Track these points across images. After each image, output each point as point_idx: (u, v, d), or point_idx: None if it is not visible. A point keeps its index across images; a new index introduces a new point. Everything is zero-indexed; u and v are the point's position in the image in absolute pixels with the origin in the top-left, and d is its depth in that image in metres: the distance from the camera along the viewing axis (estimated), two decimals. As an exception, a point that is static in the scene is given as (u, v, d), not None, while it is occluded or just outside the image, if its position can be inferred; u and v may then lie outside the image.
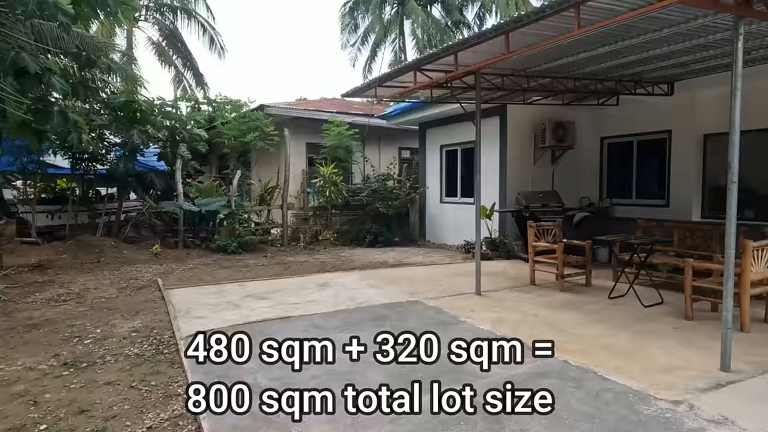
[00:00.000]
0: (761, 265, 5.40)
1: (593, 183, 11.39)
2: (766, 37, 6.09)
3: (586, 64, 7.29)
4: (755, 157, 8.53)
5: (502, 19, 23.52)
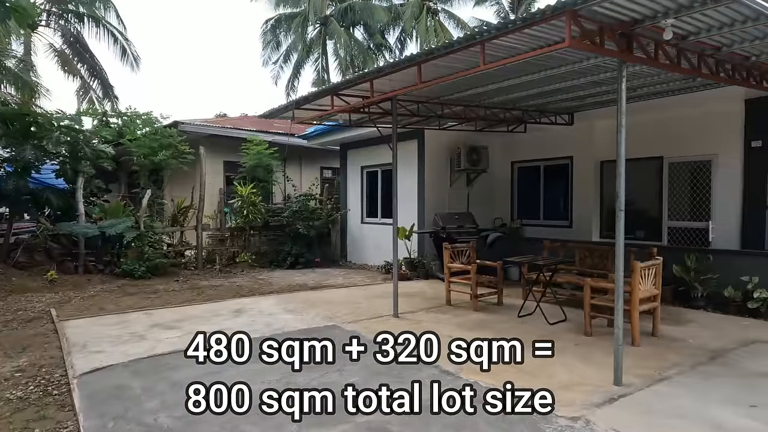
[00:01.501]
0: (648, 283, 5.92)
1: (505, 204, 12.00)
2: (648, 77, 6.79)
3: (496, 95, 7.72)
4: (644, 182, 9.43)
5: (424, 43, 24.48)
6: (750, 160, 7.99)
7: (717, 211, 8.45)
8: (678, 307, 7.70)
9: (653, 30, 4.53)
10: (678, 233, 9.04)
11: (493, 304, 7.93)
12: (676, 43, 5.05)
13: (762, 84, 6.42)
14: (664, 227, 9.19)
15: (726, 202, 8.30)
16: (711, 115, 8.34)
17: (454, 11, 26.73)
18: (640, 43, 4.72)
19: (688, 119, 8.63)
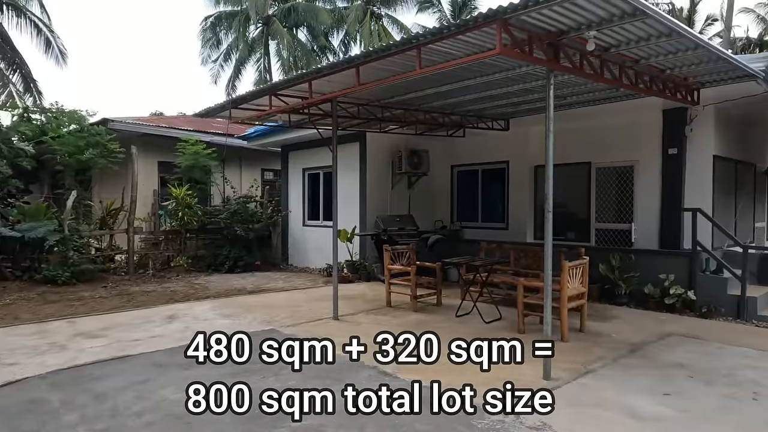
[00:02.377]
0: (576, 281, 6.23)
1: (445, 207, 12.25)
2: (576, 86, 7.14)
3: (434, 99, 7.87)
4: (574, 186, 9.92)
5: (368, 47, 24.59)
6: (667, 167, 8.59)
7: (639, 214, 9.02)
8: (604, 304, 8.15)
9: (578, 41, 4.79)
10: (605, 234, 9.57)
11: (432, 304, 8.06)
12: (599, 54, 5.35)
13: (676, 95, 6.93)
14: (592, 229, 9.70)
15: (647, 206, 8.88)
16: (633, 124, 8.90)
17: (398, 17, 27.12)
18: (566, 53, 4.97)
19: (613, 127, 9.17)
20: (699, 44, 5.09)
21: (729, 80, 6.72)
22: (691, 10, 27.17)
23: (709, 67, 6.10)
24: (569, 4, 3.88)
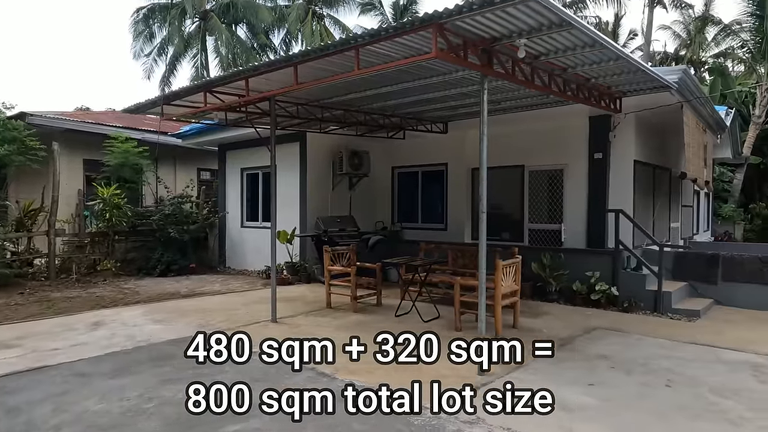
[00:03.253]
0: (510, 279, 6.46)
1: (386, 208, 12.35)
2: (510, 92, 7.42)
3: (374, 101, 7.92)
4: (509, 188, 10.29)
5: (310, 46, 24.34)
6: (593, 170, 9.10)
7: (568, 215, 9.49)
8: (536, 301, 8.50)
9: (510, 48, 4.98)
10: (537, 234, 9.99)
11: (372, 305, 8.09)
12: (530, 62, 5.60)
13: (600, 103, 7.36)
14: (526, 229, 10.11)
15: (575, 207, 9.36)
16: (563, 129, 9.36)
17: (340, 18, 27.06)
18: (499, 59, 5.16)
19: (544, 132, 9.59)
20: (620, 56, 5.44)
21: (647, 90, 7.23)
22: (615, 24, 28.96)
23: (629, 78, 6.54)
24: (501, 12, 4.04)
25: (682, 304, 7.81)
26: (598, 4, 24.69)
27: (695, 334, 6.48)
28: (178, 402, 4.10)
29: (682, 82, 7.24)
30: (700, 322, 7.19)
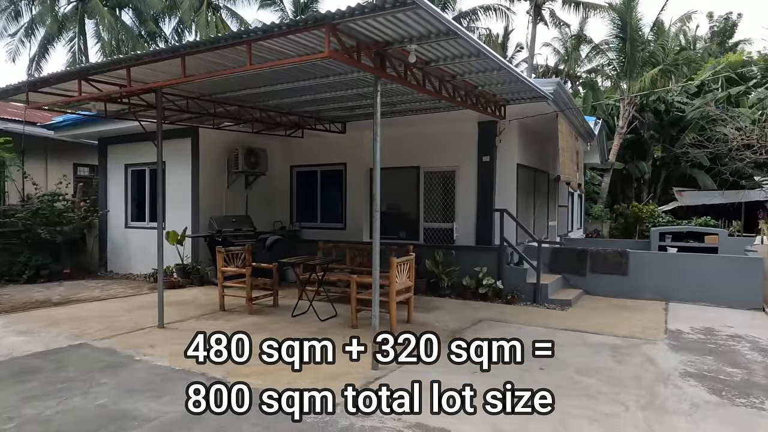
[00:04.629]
0: (404, 276, 6.69)
1: (285, 208, 12.17)
2: (405, 95, 7.67)
3: (271, 98, 7.77)
4: (406, 189, 10.63)
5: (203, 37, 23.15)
6: (482, 172, 9.70)
7: (459, 214, 10.03)
8: (430, 296, 8.89)
9: (402, 53, 5.16)
10: (432, 233, 10.44)
11: (268, 306, 7.94)
12: (421, 67, 5.84)
13: (487, 110, 7.87)
14: (421, 228, 10.51)
15: (466, 206, 9.91)
16: (455, 133, 9.86)
17: (238, 10, 26.01)
18: (392, 63, 5.32)
19: (438, 135, 10.05)
20: (502, 66, 5.86)
21: (527, 99, 7.87)
22: (504, 38, 31.12)
23: (512, 87, 7.07)
24: (391, 17, 4.17)
25: (557, 294, 8.61)
26: (489, 16, 26.35)
27: (567, 321, 7.18)
28: (45, 420, 3.73)
29: (556, 93, 7.97)
30: (571, 310, 7.97)
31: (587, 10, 24.57)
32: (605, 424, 3.76)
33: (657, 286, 8.75)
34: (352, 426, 3.70)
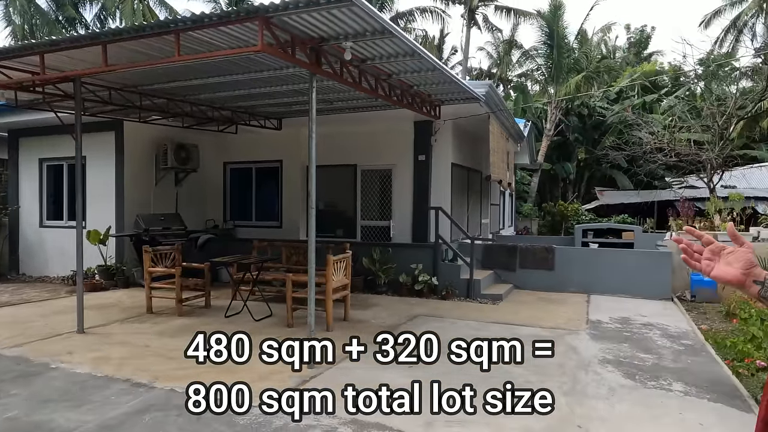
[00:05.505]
0: (340, 274, 6.68)
1: (218, 206, 11.78)
2: (341, 92, 7.65)
3: (202, 91, 7.49)
4: (343, 187, 10.61)
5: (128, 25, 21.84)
6: (417, 171, 9.86)
7: (396, 212, 10.15)
8: (367, 294, 8.93)
9: (338, 50, 5.15)
10: (369, 231, 10.49)
11: (200, 307, 7.66)
12: (358, 65, 5.86)
13: (422, 109, 8.02)
14: (359, 226, 10.54)
15: (402, 204, 10.04)
16: (392, 132, 9.96)
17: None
18: (328, 59, 5.29)
19: (376, 133, 10.10)
20: (436, 67, 5.99)
21: (461, 100, 8.09)
22: (441, 40, 31.77)
23: (446, 88, 7.25)
24: (326, 12, 4.15)
25: (489, 289, 8.93)
26: (425, 18, 26.81)
27: (498, 315, 7.47)
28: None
29: (488, 95, 8.26)
30: (502, 304, 8.30)
31: (518, 17, 25.61)
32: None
33: (580, 280, 9.29)
34: (287, 426, 3.66)
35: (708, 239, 1.29)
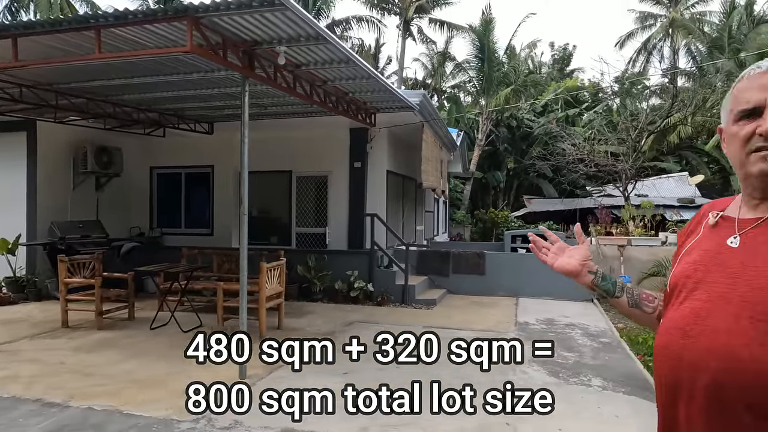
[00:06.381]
0: (274, 282, 6.55)
1: (144, 212, 11.20)
2: (276, 98, 7.55)
3: (126, 92, 7.13)
4: (277, 193, 10.44)
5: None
6: (353, 178, 9.89)
7: (332, 219, 10.11)
8: (302, 301, 8.82)
9: (272, 54, 5.09)
10: (305, 238, 10.37)
11: (123, 319, 7.23)
12: (292, 70, 5.82)
13: (357, 117, 8.08)
14: (293, 233, 10.39)
15: (338, 211, 10.02)
16: (328, 138, 9.93)
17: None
18: (261, 63, 5.21)
19: (312, 139, 10.03)
20: (371, 75, 6.07)
21: (396, 109, 8.24)
22: (377, 49, 32.15)
23: (381, 96, 7.35)
24: (259, 16, 4.10)
25: (423, 294, 9.09)
26: (362, 27, 27.05)
27: (432, 319, 7.61)
28: None
29: (422, 104, 8.46)
30: (436, 309, 8.47)
31: (451, 30, 26.42)
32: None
33: (509, 284, 9.68)
34: (216, 439, 3.53)
35: (555, 239, 1.50)
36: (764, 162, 1.05)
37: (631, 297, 1.39)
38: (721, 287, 1.06)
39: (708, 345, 1.02)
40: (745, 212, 1.13)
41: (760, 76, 1.08)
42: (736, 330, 0.99)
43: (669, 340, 1.10)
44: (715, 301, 1.05)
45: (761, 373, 0.95)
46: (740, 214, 1.14)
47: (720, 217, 1.18)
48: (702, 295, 1.07)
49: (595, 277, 1.41)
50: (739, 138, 1.09)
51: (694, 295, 1.09)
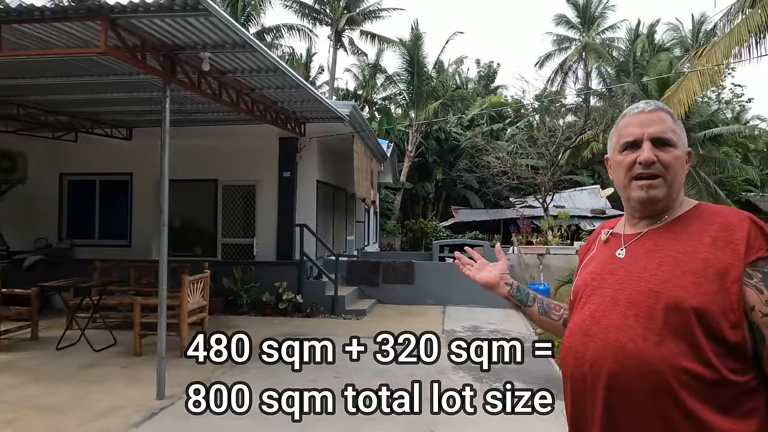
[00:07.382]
0: (197, 295, 6.29)
1: (52, 223, 10.35)
2: (200, 104, 7.29)
3: (33, 93, 6.61)
4: (202, 202, 10.05)
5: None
6: (283, 187, 9.73)
7: (260, 229, 9.87)
8: (228, 315, 8.51)
9: (197, 59, 4.92)
10: (231, 249, 10.04)
11: (25, 339, 6.62)
12: (218, 76, 5.66)
13: (287, 126, 7.99)
14: (219, 244, 10.03)
15: (266, 221, 9.80)
16: (256, 147, 9.71)
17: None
18: (184, 69, 5.03)
19: (239, 148, 9.75)
20: (299, 84, 6.04)
21: (326, 119, 8.24)
22: (308, 59, 32.01)
23: (310, 106, 7.32)
24: (181, 20, 3.96)
25: (353, 305, 9.08)
26: (293, 36, 26.84)
27: (362, 329, 7.62)
28: None
29: (352, 115, 8.52)
30: (365, 319, 8.49)
31: (382, 43, 26.88)
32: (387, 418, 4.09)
33: (437, 293, 9.90)
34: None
35: (478, 257, 1.71)
36: (642, 191, 1.24)
37: (541, 306, 1.58)
38: (611, 292, 1.22)
39: (604, 342, 1.17)
40: (629, 228, 1.33)
41: (638, 115, 1.28)
42: (624, 327, 1.15)
43: (573, 340, 1.26)
44: (607, 303, 1.21)
45: (645, 362, 1.11)
46: (625, 230, 1.33)
47: (610, 234, 1.37)
48: (598, 300, 1.24)
49: (510, 288, 1.60)
50: (624, 165, 1.28)
51: (591, 300, 1.26)
